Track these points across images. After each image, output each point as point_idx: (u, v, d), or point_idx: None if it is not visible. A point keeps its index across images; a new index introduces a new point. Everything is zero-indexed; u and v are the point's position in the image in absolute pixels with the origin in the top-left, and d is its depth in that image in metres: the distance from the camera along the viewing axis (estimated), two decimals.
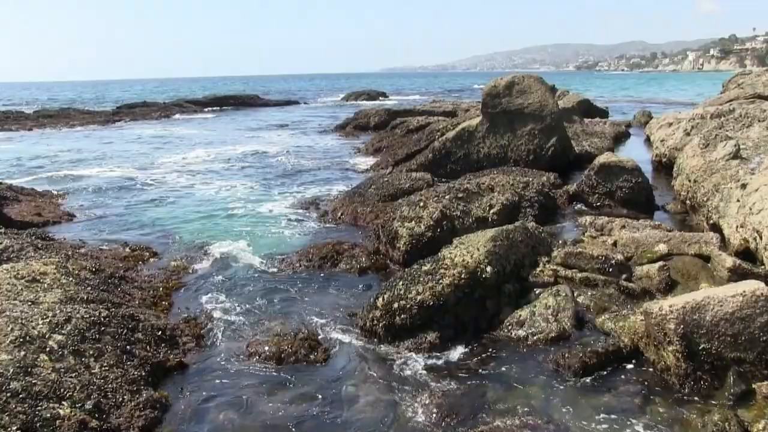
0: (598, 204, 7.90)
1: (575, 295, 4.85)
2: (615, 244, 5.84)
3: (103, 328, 4.21)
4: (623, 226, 6.41)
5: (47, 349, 3.74)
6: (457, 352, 4.31)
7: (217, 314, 5.03)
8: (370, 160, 13.55)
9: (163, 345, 4.41)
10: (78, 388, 3.52)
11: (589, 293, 4.95)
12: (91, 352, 3.89)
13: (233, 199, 9.71)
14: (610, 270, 5.17)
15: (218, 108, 34.51)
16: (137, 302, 5.15)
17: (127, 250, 6.74)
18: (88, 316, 4.27)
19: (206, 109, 33.26)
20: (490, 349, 4.36)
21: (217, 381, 4.02)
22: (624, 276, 5.13)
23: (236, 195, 10.04)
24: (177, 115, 29.33)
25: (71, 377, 3.59)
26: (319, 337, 4.58)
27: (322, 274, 5.95)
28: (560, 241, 5.96)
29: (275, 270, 6.08)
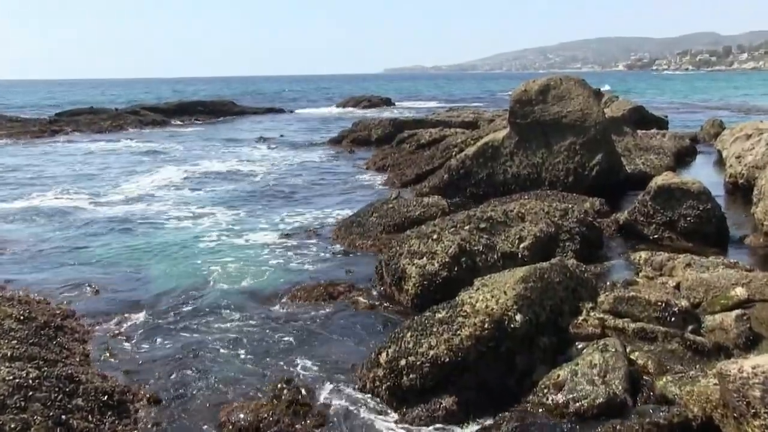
0: (656, 236, 7.93)
1: (628, 351, 4.83)
2: (678, 286, 5.85)
3: (30, 393, 4.20)
4: (688, 265, 6.42)
5: None
6: (478, 423, 4.28)
7: (180, 371, 5.03)
8: (372, 182, 13.69)
9: (109, 414, 4.40)
10: None
11: (646, 349, 4.93)
12: (13, 426, 3.87)
13: (209, 229, 9.83)
14: (673, 319, 5.16)
15: (186, 117, 35.05)
16: (78, 358, 5.17)
17: (70, 293, 6.80)
18: (11, 377, 4.26)
19: (173, 120, 33.75)
20: (521, 419, 4.33)
21: None
22: (690, 327, 5.12)
23: (212, 224, 10.17)
24: (132, 128, 29.76)
25: None
26: (308, 400, 4.57)
27: (312, 321, 5.97)
28: (608, 283, 5.96)
29: (255, 315, 6.11)
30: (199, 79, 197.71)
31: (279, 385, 4.75)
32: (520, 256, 6.48)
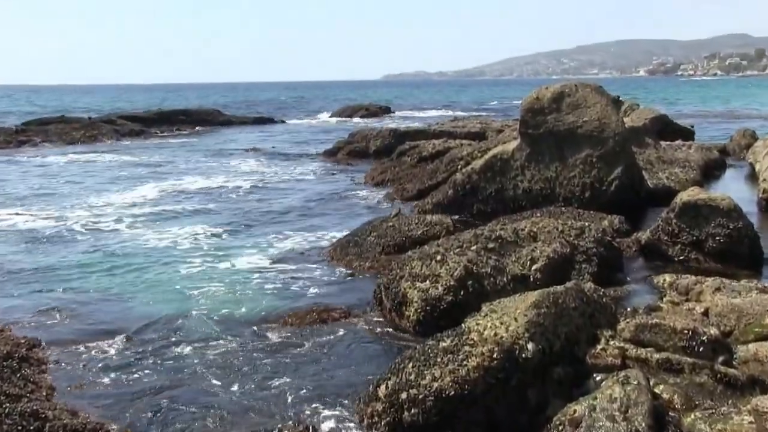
0: (682, 258, 7.94)
1: (652, 384, 4.82)
2: (706, 313, 5.84)
3: None
4: (718, 289, 6.42)
5: None
6: None
7: (159, 405, 5.02)
8: (370, 198, 13.73)
9: None
10: None
11: (672, 382, 4.92)
12: None
13: (190, 251, 9.84)
14: (701, 349, 5.15)
15: (167, 127, 35.22)
16: (44, 393, 5.15)
17: (36, 320, 6.79)
18: None
19: (152, 130, 33.89)
20: None
21: None
22: (721, 358, 5.11)
23: (196, 245, 10.20)
24: (107, 139, 29.88)
25: None
26: None
27: (304, 350, 5.97)
28: (629, 309, 5.97)
29: (242, 345, 6.11)
30: (187, 86, 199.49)
31: (269, 421, 4.74)
32: (532, 279, 6.50)
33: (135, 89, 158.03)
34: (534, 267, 6.61)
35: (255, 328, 6.52)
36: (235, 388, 5.30)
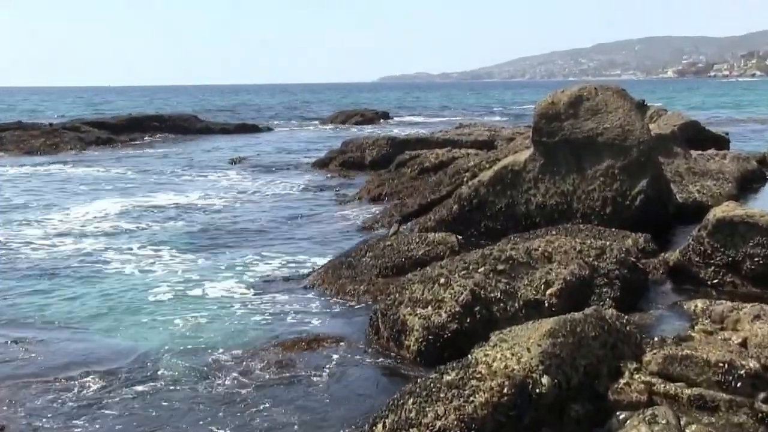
0: (715, 281, 7.96)
1: (683, 423, 4.82)
2: (744, 343, 5.84)
3: None
4: (757, 316, 6.41)
5: None
6: None
7: None
8: (365, 214, 13.76)
9: None
10: None
11: (706, 421, 4.92)
12: None
13: (159, 277, 9.81)
14: (739, 385, 5.15)
15: (139, 134, 35.30)
16: None
17: None
18: None
19: (121, 138, 33.93)
20: None
21: None
22: (762, 395, 5.10)
23: (167, 269, 10.18)
24: (70, 147, 29.92)
25: None
26: None
27: (292, 385, 5.96)
28: (656, 339, 5.97)
29: (221, 381, 6.09)
30: (169, 88, 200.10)
31: None
32: (546, 304, 6.51)
33: (109, 92, 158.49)
34: (549, 291, 6.63)
35: (235, 361, 6.50)
36: (215, 429, 5.27)
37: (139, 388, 6.03)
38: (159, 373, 6.34)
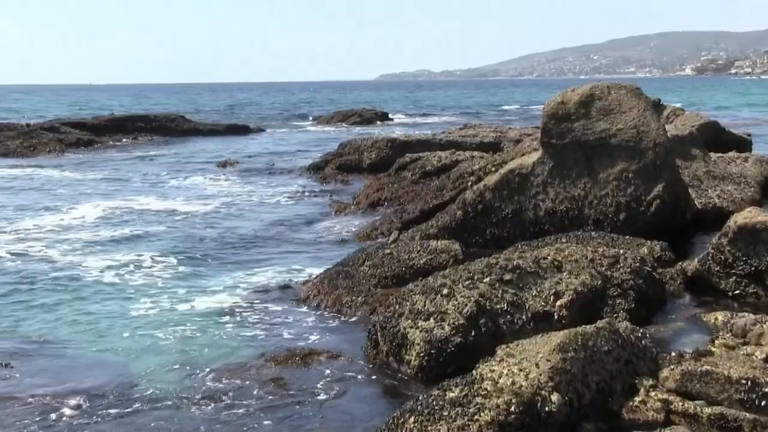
0: (737, 292, 7.96)
1: None
2: None
3: None
4: None
5: None
6: None
7: None
8: (363, 220, 13.77)
9: None
10: None
11: None
12: None
13: (145, 286, 9.82)
14: (763, 403, 5.15)
15: (122, 135, 35.29)
16: None
17: None
18: None
19: (103, 139, 33.92)
20: None
21: None
22: None
23: (150, 280, 10.16)
24: (48, 149, 29.89)
25: None
26: None
27: (285, 402, 5.96)
28: (673, 354, 5.98)
29: (210, 401, 6.07)
30: (159, 87, 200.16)
31: None
32: (556, 317, 6.52)
33: (90, 90, 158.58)
34: (559, 303, 6.64)
35: (224, 378, 6.49)
36: None
37: (120, 409, 6.00)
38: (142, 392, 6.30)
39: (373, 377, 6.41)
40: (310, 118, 53.07)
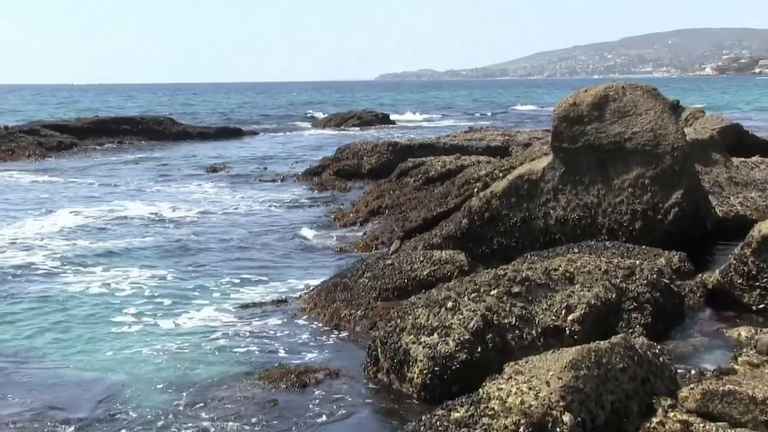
0: (761, 306, 7.95)
1: None
2: None
3: None
4: None
5: None
6: None
7: None
8: (362, 230, 13.78)
9: None
10: None
11: None
12: None
13: (130, 299, 9.83)
14: None
15: (106, 138, 35.35)
16: None
17: None
18: None
19: (86, 142, 33.98)
20: None
21: None
22: None
23: (135, 292, 10.18)
24: (28, 153, 29.90)
25: None
26: None
27: (279, 423, 5.95)
28: (693, 372, 5.98)
29: (198, 422, 6.07)
30: (141, 87, 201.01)
31: None
32: (568, 332, 6.52)
33: (72, 90, 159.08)
34: (570, 317, 6.64)
35: (213, 398, 6.48)
36: None
37: None
38: (125, 413, 6.29)
39: (373, 396, 6.41)
40: (307, 120, 53.24)
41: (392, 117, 50.98)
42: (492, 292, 6.72)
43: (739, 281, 8.10)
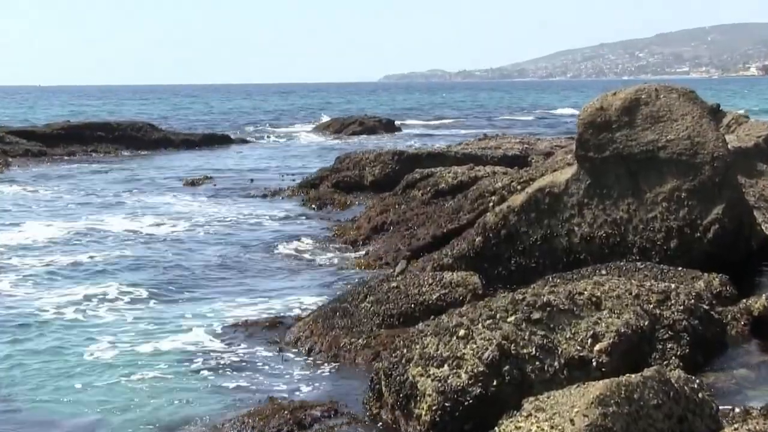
0: None
1: None
2: None
3: None
4: None
5: None
6: None
7: None
8: (364, 248, 13.80)
9: None
10: None
11: None
12: None
13: (108, 323, 9.86)
14: None
15: (79, 146, 35.44)
16: None
17: None
18: None
19: (57, 150, 34.10)
20: None
21: None
22: None
23: (113, 315, 10.22)
24: None
25: None
26: None
27: None
28: (737, 410, 5.96)
29: None
30: (140, 88, 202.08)
31: None
32: (594, 364, 6.51)
33: (41, 92, 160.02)
34: (597, 347, 6.64)
35: None
36: None
37: None
38: None
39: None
40: (302, 126, 53.45)
41: (397, 123, 51.09)
42: (509, 319, 6.72)
43: None
